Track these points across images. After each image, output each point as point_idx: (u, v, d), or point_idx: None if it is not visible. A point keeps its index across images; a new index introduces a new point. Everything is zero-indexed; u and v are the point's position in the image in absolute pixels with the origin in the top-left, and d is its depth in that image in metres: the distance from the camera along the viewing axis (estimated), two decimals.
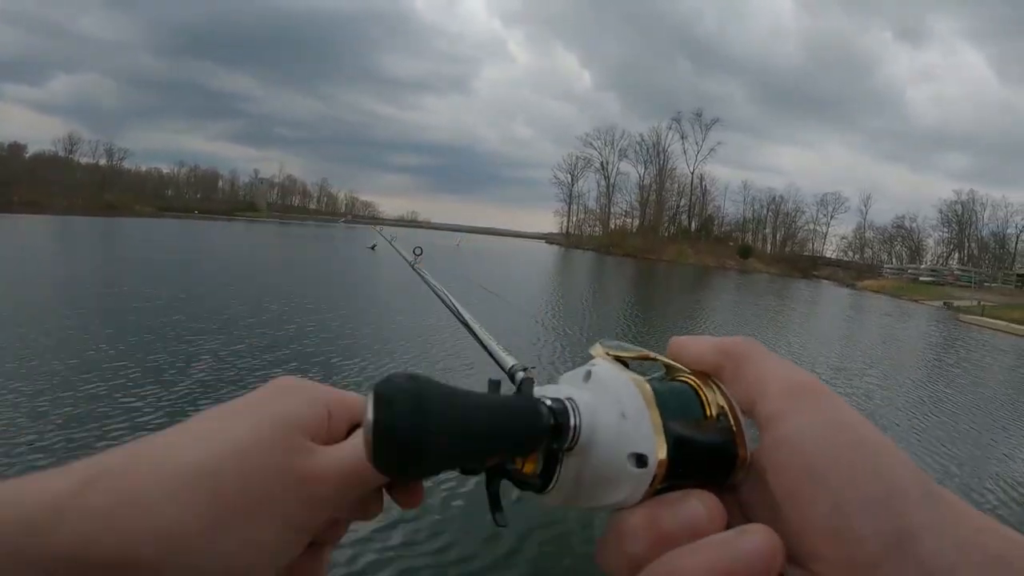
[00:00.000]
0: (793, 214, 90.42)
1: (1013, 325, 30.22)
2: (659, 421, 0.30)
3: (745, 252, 79.37)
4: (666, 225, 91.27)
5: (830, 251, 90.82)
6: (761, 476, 0.31)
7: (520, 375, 0.48)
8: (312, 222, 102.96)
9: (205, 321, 11.05)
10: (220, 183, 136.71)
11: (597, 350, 0.37)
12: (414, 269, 1.20)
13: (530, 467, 0.33)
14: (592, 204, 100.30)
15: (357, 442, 0.35)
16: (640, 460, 0.30)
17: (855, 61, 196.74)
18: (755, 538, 0.27)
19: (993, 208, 78.03)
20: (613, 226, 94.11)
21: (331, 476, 0.34)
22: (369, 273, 27.56)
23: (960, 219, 79.22)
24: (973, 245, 78.68)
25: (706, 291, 42.79)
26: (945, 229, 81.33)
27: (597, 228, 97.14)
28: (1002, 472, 7.90)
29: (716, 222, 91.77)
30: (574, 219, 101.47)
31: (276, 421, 0.35)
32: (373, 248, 42.95)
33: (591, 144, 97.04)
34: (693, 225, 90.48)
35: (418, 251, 1.40)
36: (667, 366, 0.36)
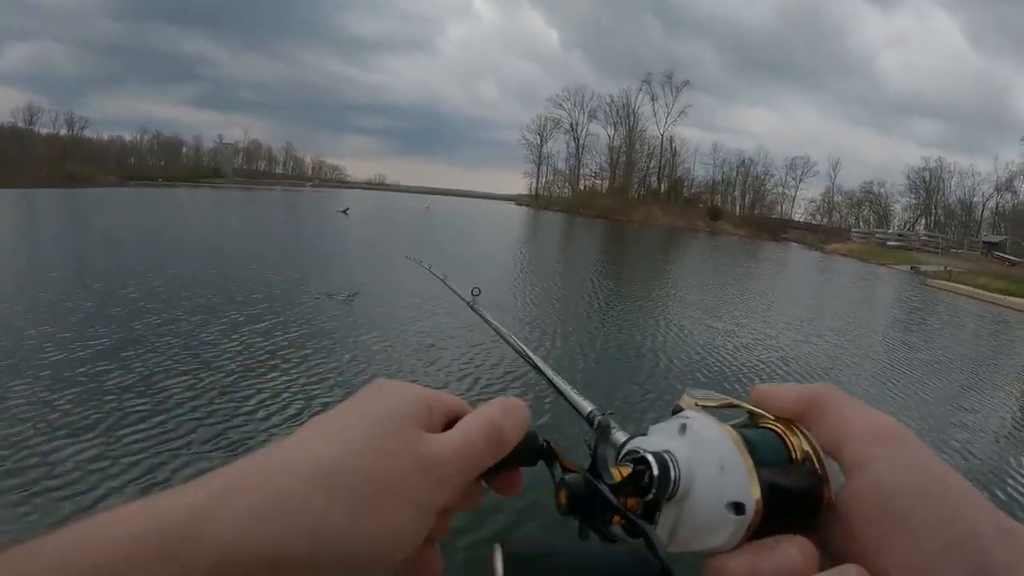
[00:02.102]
0: (762, 177, 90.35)
1: (978, 290, 30.61)
2: (753, 470, 0.32)
3: (715, 214, 79.17)
4: (636, 187, 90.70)
5: (798, 214, 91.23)
6: (846, 517, 0.32)
7: (599, 419, 0.50)
8: (279, 187, 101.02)
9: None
10: (184, 150, 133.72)
11: (686, 401, 0.39)
12: (474, 310, 1.10)
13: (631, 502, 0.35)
14: (561, 166, 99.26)
15: (463, 429, 0.39)
16: (738, 508, 0.31)
17: (826, 24, 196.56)
18: None
19: (961, 176, 78.62)
20: (582, 187, 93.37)
21: (450, 458, 0.37)
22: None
23: (928, 186, 79.68)
24: (940, 212, 79.28)
25: (677, 251, 43.11)
26: (913, 195, 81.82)
27: (567, 190, 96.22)
28: (962, 423, 8.89)
29: (686, 184, 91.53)
30: (543, 181, 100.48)
31: (392, 416, 0.37)
32: (345, 212, 43.22)
33: (560, 105, 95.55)
34: (663, 187, 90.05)
35: (476, 291, 1.15)
36: (751, 413, 0.38)
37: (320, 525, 0.32)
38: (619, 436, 0.43)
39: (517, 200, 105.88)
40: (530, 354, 0.81)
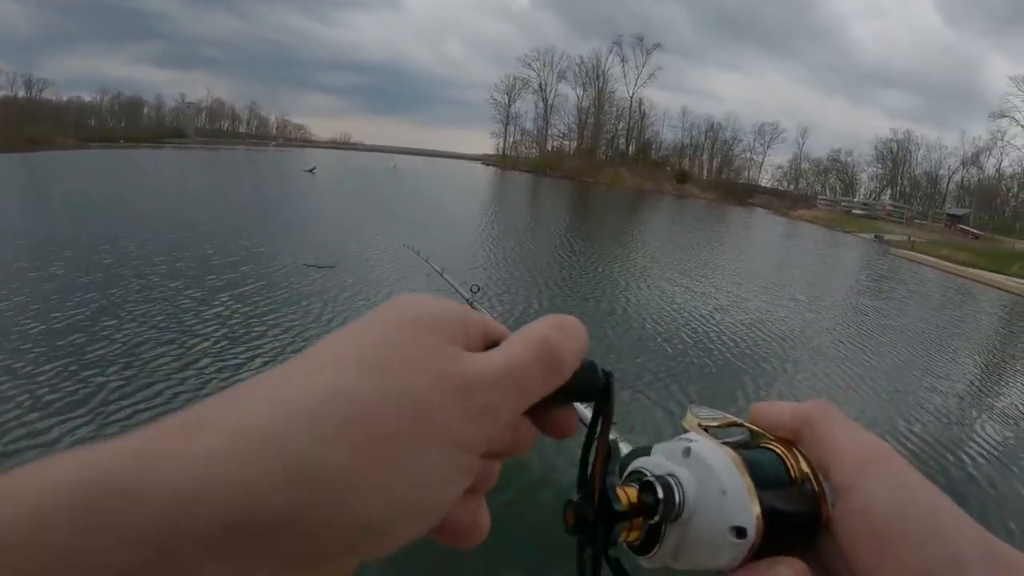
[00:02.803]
0: (730, 142, 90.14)
1: (941, 261, 31.10)
2: (755, 495, 0.33)
3: (682, 177, 78.91)
4: (604, 148, 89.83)
5: (765, 180, 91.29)
6: (836, 538, 0.33)
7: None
8: (242, 147, 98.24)
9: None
10: (145, 110, 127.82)
11: (690, 421, 0.39)
12: (473, 307, 1.04)
13: (633, 535, 0.35)
14: (529, 126, 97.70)
15: (511, 346, 0.30)
16: (740, 532, 0.32)
17: None
18: None
19: (928, 149, 79.39)
20: (550, 148, 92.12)
21: (498, 381, 0.28)
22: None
23: (895, 157, 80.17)
24: (906, 182, 79.90)
25: (647, 213, 43.26)
26: (879, 165, 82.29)
27: (534, 150, 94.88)
28: (933, 388, 9.26)
29: (654, 147, 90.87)
30: (511, 141, 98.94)
31: (417, 328, 0.28)
32: (312, 171, 42.08)
33: (529, 65, 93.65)
34: (631, 149, 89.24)
35: (475, 288, 1.22)
36: (751, 431, 0.39)
37: (311, 470, 0.22)
38: (623, 447, 0.42)
39: (484, 160, 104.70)
40: None
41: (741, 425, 0.39)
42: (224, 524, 0.21)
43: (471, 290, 1.10)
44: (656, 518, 0.34)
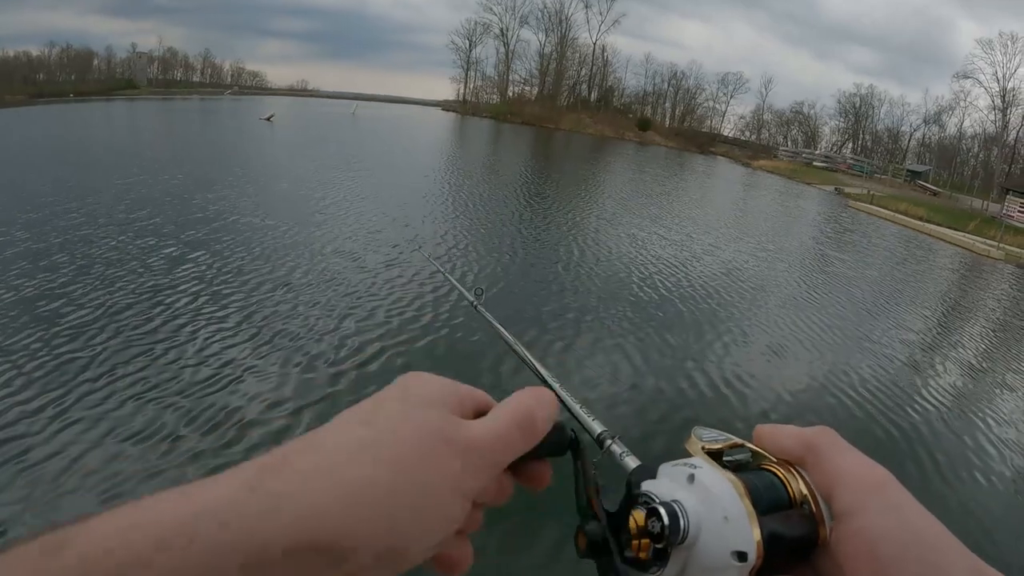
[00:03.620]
0: (693, 91, 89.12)
1: (897, 215, 31.64)
2: (755, 519, 0.35)
3: (644, 124, 77.98)
4: (565, 95, 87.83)
5: (728, 129, 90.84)
6: (836, 560, 0.35)
7: (608, 442, 0.52)
8: (196, 96, 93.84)
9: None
10: (96, 62, 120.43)
11: (694, 445, 0.41)
12: (477, 310, 1.06)
13: (642, 556, 0.38)
14: (490, 71, 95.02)
15: (497, 415, 0.39)
16: (741, 556, 0.34)
17: None
18: None
19: (891, 105, 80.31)
20: (511, 94, 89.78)
21: (486, 443, 0.37)
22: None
23: (857, 111, 79.98)
24: (867, 137, 79.95)
25: (608, 158, 43.10)
26: (842, 119, 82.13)
27: (495, 96, 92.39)
28: (884, 336, 9.72)
29: (616, 94, 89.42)
30: (471, 86, 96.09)
31: (427, 401, 0.37)
32: (270, 119, 40.03)
33: (490, 9, 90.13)
34: (593, 96, 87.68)
35: (479, 291, 1.14)
36: (754, 453, 0.40)
37: (361, 500, 0.31)
38: (629, 462, 0.45)
39: (444, 106, 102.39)
40: (539, 367, 0.72)
41: (744, 446, 0.40)
42: (298, 546, 0.29)
43: (475, 293, 1.03)
44: (662, 543, 0.36)
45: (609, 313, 8.36)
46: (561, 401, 0.62)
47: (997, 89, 56.08)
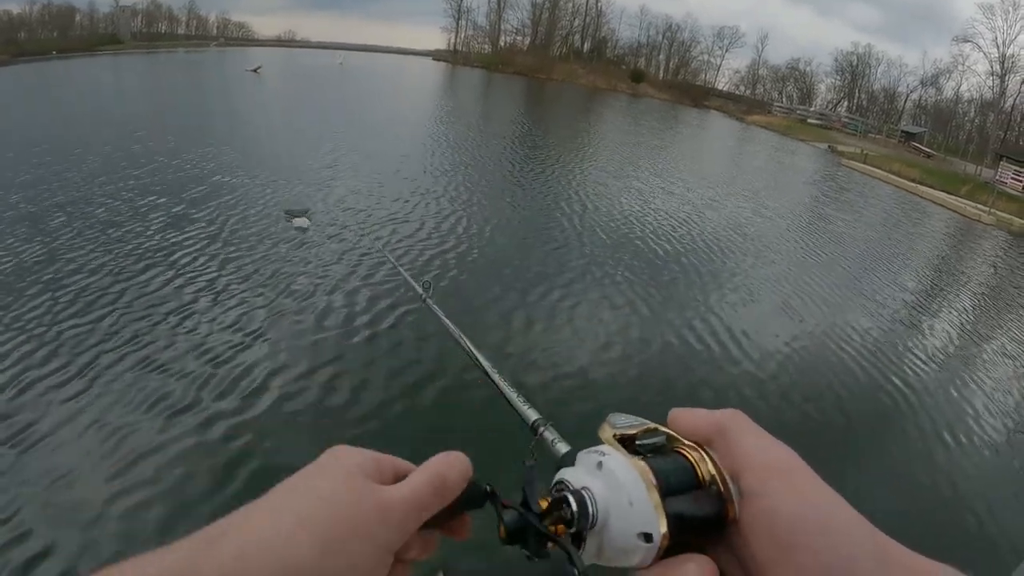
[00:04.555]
0: (688, 43, 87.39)
1: (890, 175, 31.57)
2: (659, 503, 0.37)
3: (637, 76, 76.74)
4: (558, 45, 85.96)
5: (722, 83, 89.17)
6: (744, 538, 0.37)
7: (541, 429, 0.55)
8: (181, 49, 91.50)
9: None
10: (78, 18, 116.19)
11: (605, 432, 0.42)
12: (424, 303, 1.07)
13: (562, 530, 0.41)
14: (482, 21, 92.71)
15: (411, 480, 0.44)
16: (647, 537, 0.36)
17: None
18: None
19: (888, 65, 79.02)
20: (503, 44, 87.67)
21: (401, 505, 0.41)
22: None
23: (854, 70, 78.79)
24: (863, 96, 78.92)
25: (602, 110, 43.27)
26: (838, 77, 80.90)
27: (486, 46, 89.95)
28: (881, 292, 10.27)
29: (610, 45, 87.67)
30: (462, 36, 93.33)
31: (349, 472, 0.42)
32: (256, 71, 39.85)
33: None
34: (586, 47, 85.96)
35: (427, 285, 1.12)
36: (669, 436, 0.42)
37: (295, 563, 0.36)
38: (560, 447, 0.48)
39: (435, 56, 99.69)
40: (480, 358, 0.81)
41: (658, 430, 0.42)
42: None
43: (423, 287, 1.09)
44: (574, 528, 0.39)
45: (615, 258, 8.72)
46: (498, 389, 0.69)
47: (996, 55, 55.12)
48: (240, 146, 14.07)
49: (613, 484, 0.39)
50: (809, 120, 62.80)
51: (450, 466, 0.45)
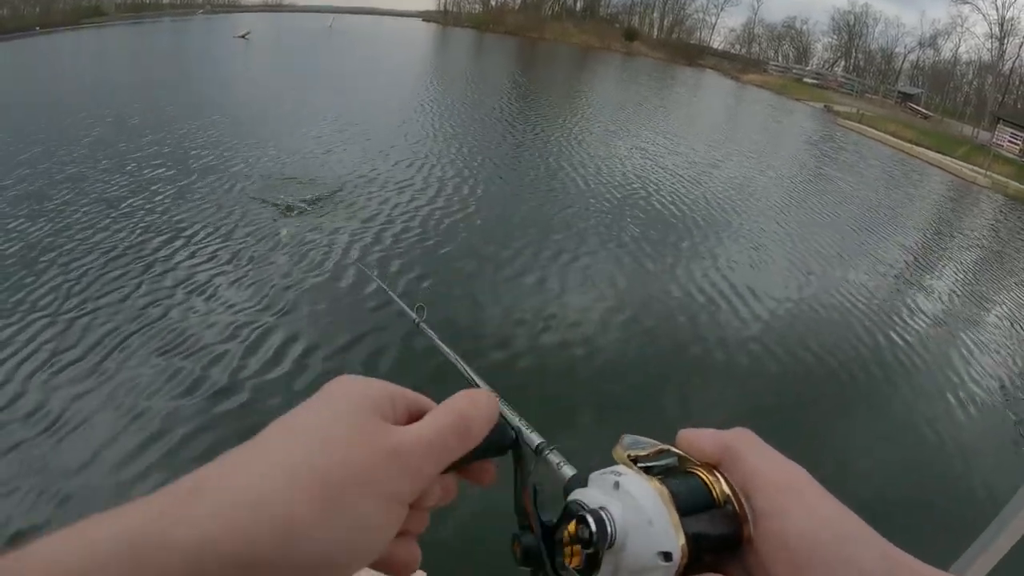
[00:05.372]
0: (683, 1, 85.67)
1: (886, 136, 31.34)
2: (678, 522, 0.37)
3: (631, 35, 76.01)
4: (550, 4, 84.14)
5: (717, 42, 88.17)
6: (758, 558, 0.37)
7: (545, 452, 0.54)
8: (167, 18, 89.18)
9: None
10: None
11: (619, 454, 0.42)
12: (418, 328, 0.94)
13: (575, 561, 0.39)
14: None
15: (431, 420, 0.39)
16: (667, 556, 0.36)
17: None
18: None
19: (886, 25, 78.43)
20: (494, 3, 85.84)
21: (418, 450, 0.37)
22: None
23: (851, 29, 77.79)
24: (860, 56, 78.08)
25: (596, 69, 43.48)
26: (835, 36, 79.88)
27: (477, 5, 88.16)
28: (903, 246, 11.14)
29: (602, 3, 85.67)
30: None
31: (356, 409, 0.37)
32: (245, 37, 38.76)
33: None
34: (578, 5, 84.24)
35: (421, 309, 0.96)
36: (679, 457, 0.42)
37: (288, 522, 0.31)
38: (566, 471, 0.47)
39: (424, 16, 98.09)
40: (480, 384, 0.74)
41: (669, 451, 0.42)
42: (229, 563, 0.29)
43: (416, 311, 1.01)
44: (591, 548, 0.38)
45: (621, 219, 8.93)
46: (500, 414, 0.65)
47: (995, 17, 54.83)
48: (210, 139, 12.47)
49: (631, 504, 0.38)
50: (805, 79, 62.36)
51: (477, 407, 0.41)
